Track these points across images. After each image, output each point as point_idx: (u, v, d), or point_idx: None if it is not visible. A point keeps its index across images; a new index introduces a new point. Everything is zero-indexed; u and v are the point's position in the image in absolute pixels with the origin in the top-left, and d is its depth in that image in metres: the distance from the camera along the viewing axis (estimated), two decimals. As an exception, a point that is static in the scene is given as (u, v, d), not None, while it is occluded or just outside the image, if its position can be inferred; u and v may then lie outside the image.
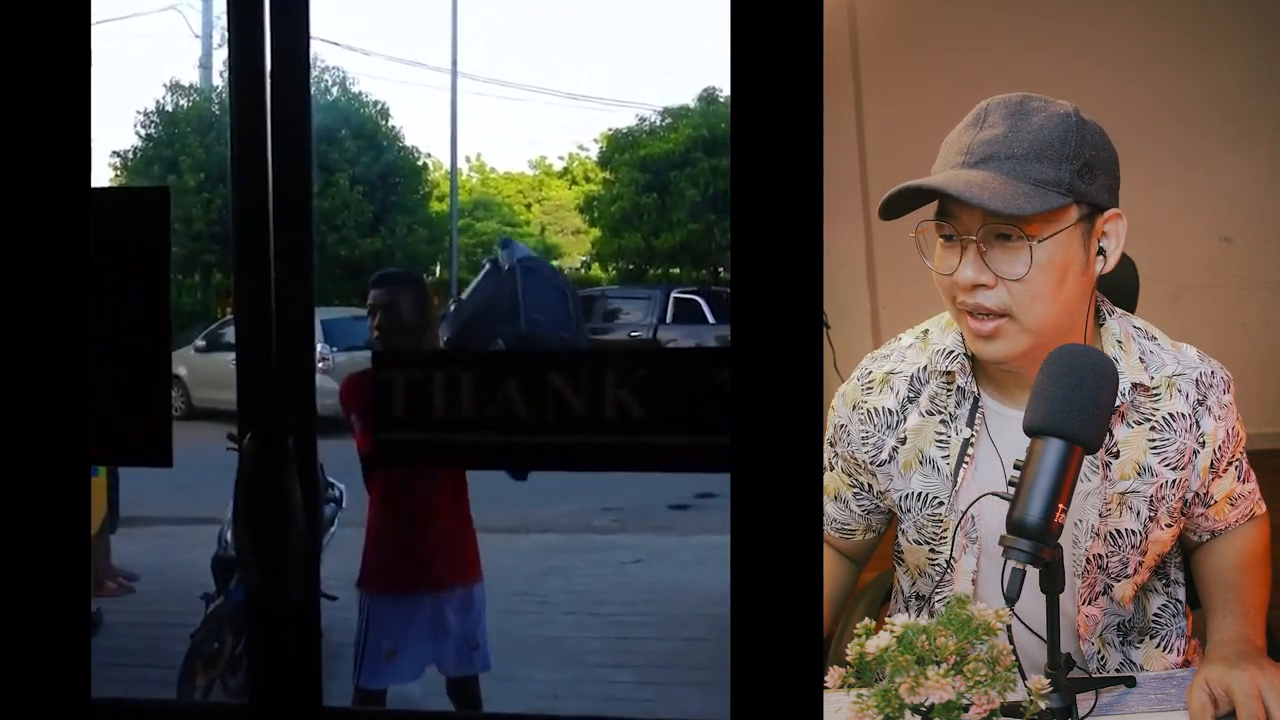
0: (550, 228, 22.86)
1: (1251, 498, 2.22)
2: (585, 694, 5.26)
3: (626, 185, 18.70)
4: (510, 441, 2.22)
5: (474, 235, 20.64)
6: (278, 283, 2.22)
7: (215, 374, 11.08)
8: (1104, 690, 1.96)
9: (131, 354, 2.27)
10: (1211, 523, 2.19)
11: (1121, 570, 2.10)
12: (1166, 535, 2.12)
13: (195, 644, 4.83)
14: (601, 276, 19.73)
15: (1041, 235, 1.89)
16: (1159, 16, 5.38)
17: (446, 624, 3.72)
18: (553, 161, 24.36)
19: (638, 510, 8.54)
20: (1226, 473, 2.14)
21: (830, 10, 2.38)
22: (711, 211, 17.99)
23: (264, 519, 2.23)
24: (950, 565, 2.11)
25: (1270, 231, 5.59)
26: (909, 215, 1.97)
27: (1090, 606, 2.12)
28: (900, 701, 1.65)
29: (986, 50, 5.15)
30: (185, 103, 18.99)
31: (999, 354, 1.97)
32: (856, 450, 2.17)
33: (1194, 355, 2.10)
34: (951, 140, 1.97)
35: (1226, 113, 5.47)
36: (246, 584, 2.29)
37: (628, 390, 2.15)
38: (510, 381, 2.20)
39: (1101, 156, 1.94)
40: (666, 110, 18.99)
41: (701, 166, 17.96)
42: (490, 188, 23.50)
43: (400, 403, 2.26)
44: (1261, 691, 1.86)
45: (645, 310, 15.28)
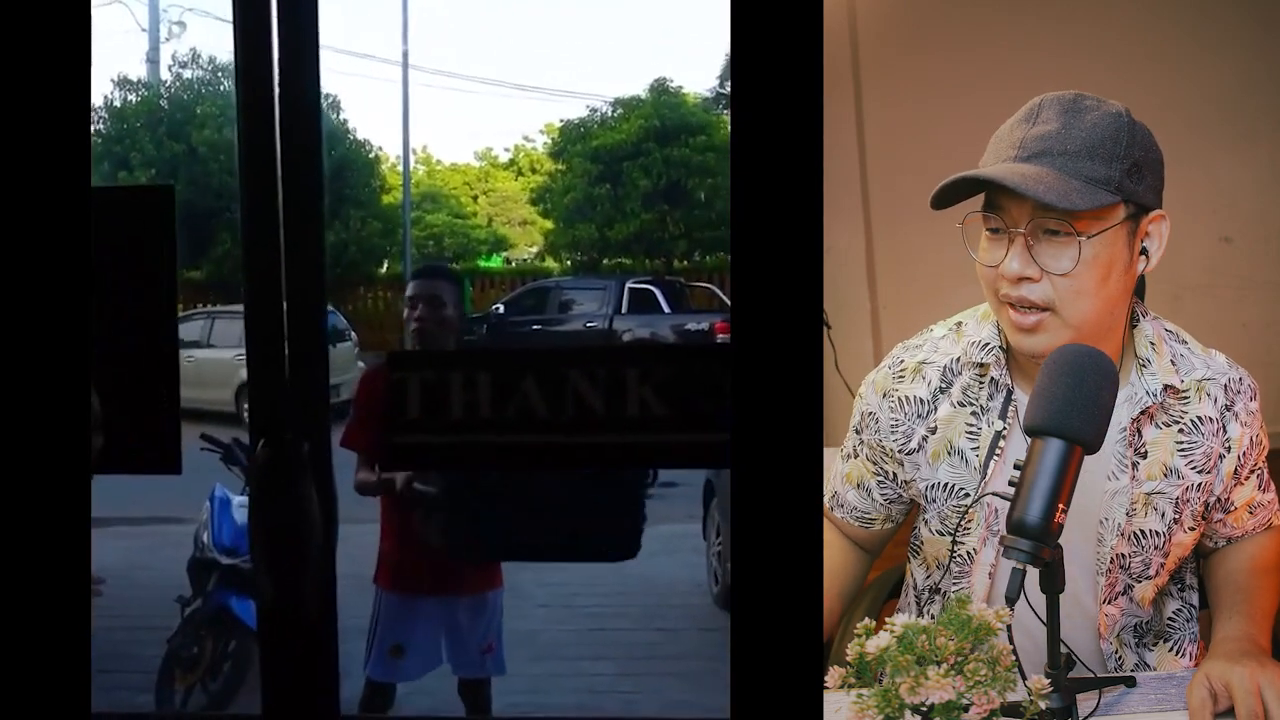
0: (498, 219, 22.86)
1: (1270, 507, 2.23)
2: (567, 688, 5.27)
3: (579, 176, 18.72)
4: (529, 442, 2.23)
5: (424, 227, 20.65)
6: (288, 285, 2.22)
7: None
8: (1105, 690, 1.95)
9: (137, 359, 2.27)
10: (1229, 529, 2.20)
11: (1143, 571, 2.11)
12: (1188, 538, 2.13)
13: (173, 649, 4.79)
14: (555, 267, 19.75)
15: (1090, 232, 1.90)
16: (1159, 16, 5.37)
17: (459, 626, 3.71)
18: (499, 153, 24.36)
19: None
20: (1248, 480, 2.15)
21: (830, 10, 2.38)
22: (665, 201, 18.01)
23: (280, 527, 2.23)
24: (971, 558, 2.12)
25: (1270, 231, 5.57)
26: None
27: (1110, 606, 2.13)
28: (900, 701, 1.65)
29: (986, 50, 5.13)
30: (134, 98, 18.88)
31: (1039, 347, 1.96)
32: (885, 438, 2.17)
33: (1223, 361, 2.12)
34: (1003, 134, 1.98)
35: (1226, 113, 5.45)
36: (260, 593, 2.27)
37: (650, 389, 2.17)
38: (529, 380, 2.21)
39: (1150, 158, 1.96)
40: (618, 101, 18.99)
41: (654, 156, 17.98)
42: (437, 180, 23.49)
43: (417, 404, 2.26)
44: (1261, 688, 1.86)
45: (600, 301, 15.24)
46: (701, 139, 18.00)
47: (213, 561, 4.88)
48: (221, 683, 4.80)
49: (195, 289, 16.74)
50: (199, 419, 6.08)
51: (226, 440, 4.90)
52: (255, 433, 2.25)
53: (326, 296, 2.29)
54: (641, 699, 5.11)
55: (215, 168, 17.10)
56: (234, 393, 11.67)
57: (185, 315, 13.88)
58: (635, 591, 6.59)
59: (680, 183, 18.02)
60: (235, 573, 4.79)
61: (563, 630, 6.00)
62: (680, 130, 18.21)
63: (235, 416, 10.44)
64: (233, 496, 5.00)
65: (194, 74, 19.16)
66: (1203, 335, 2.16)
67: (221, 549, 4.88)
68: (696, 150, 17.98)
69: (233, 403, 11.58)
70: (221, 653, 4.81)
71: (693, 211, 18.17)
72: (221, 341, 12.62)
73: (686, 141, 18.04)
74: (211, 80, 19.03)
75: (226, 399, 11.67)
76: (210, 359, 12.29)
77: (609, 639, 5.94)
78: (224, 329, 12.85)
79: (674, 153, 17.98)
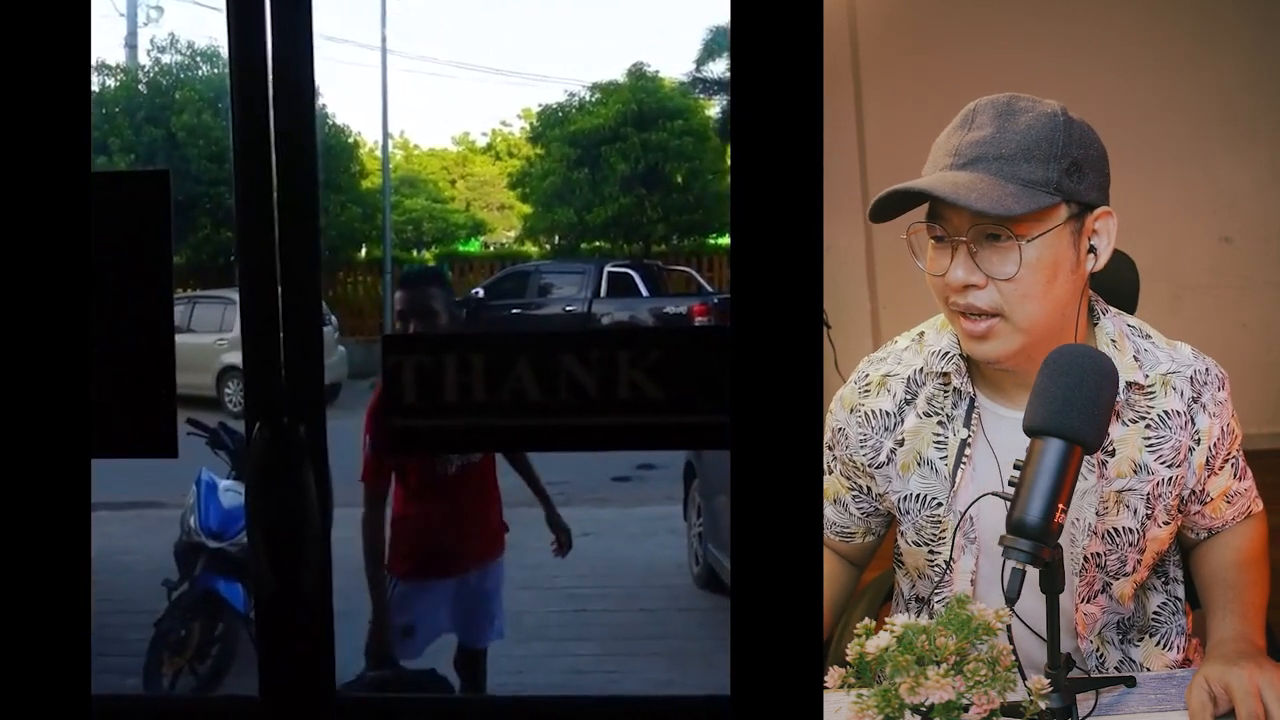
0: (475, 203, 22.79)
1: (1248, 495, 2.22)
2: (551, 668, 5.31)
3: (557, 160, 18.68)
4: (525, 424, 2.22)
5: (403, 212, 20.56)
6: (283, 270, 2.21)
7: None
8: (1104, 690, 1.96)
9: (133, 342, 2.26)
10: (1208, 520, 2.20)
11: (1120, 568, 2.10)
12: (1164, 533, 2.12)
13: (161, 632, 4.81)
14: (534, 251, 19.73)
15: (1030, 235, 1.89)
16: (1159, 16, 5.39)
17: (466, 598, 3.76)
18: (476, 138, 24.28)
19: (581, 483, 8.55)
20: (1223, 470, 2.14)
21: (830, 10, 2.38)
22: (642, 185, 18.00)
23: (278, 512, 2.22)
24: (949, 566, 2.11)
25: (1270, 231, 5.60)
26: (901, 217, 1.97)
27: (1089, 605, 2.12)
28: (900, 701, 1.65)
29: (986, 50, 5.15)
30: (112, 83, 18.74)
31: (992, 354, 1.97)
32: (855, 453, 2.17)
33: (1188, 353, 2.11)
34: (940, 142, 1.97)
35: (1226, 113, 5.48)
36: (258, 578, 2.27)
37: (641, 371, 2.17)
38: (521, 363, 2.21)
39: (1090, 154, 1.94)
40: (595, 85, 18.96)
41: (631, 141, 17.93)
42: (415, 164, 23.41)
43: (412, 389, 2.26)
44: (1260, 690, 1.87)
45: (579, 285, 15.22)
46: (679, 123, 17.97)
47: (199, 545, 4.89)
48: (209, 666, 4.83)
49: (176, 274, 16.64)
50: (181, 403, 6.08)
51: (213, 425, 4.91)
52: (251, 417, 2.24)
53: (322, 281, 2.28)
54: (624, 678, 5.15)
55: (194, 153, 16.98)
56: (215, 377, 11.67)
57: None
58: (615, 573, 6.63)
59: (658, 167, 17.98)
60: (222, 556, 4.82)
61: (546, 612, 6.01)
62: (658, 115, 18.16)
63: (217, 401, 10.42)
64: (219, 480, 5.02)
65: (172, 59, 19.00)
66: (1203, 335, 2.16)
67: (208, 532, 4.89)
68: (674, 134, 17.93)
69: (214, 387, 11.59)
70: (209, 636, 4.84)
71: (670, 195, 18.13)
72: (202, 326, 12.58)
73: (664, 126, 17.99)
74: (190, 65, 18.88)
75: (208, 383, 11.68)
76: (191, 344, 12.24)
77: (591, 619, 5.98)
78: (204, 314, 12.81)
79: (651, 137, 17.93)
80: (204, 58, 18.12)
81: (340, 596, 2.31)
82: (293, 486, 2.21)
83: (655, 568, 6.66)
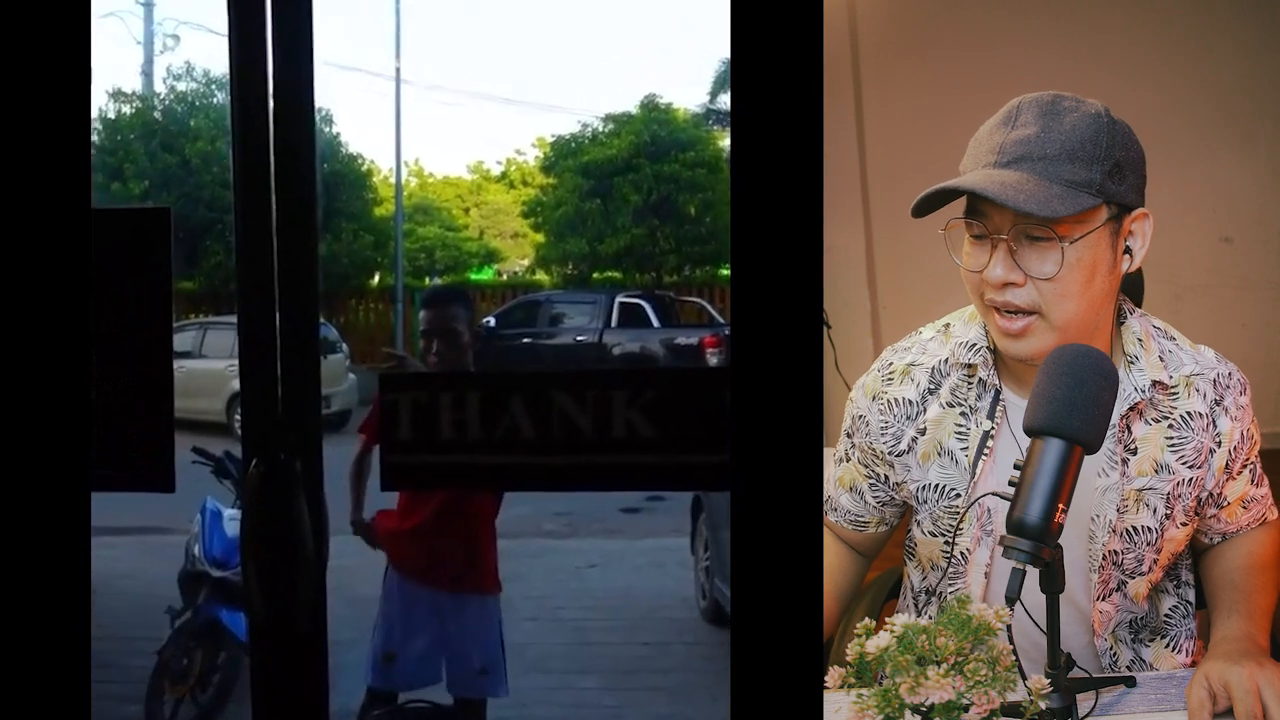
0: (489, 231, 22.81)
1: (1264, 502, 2.23)
2: (553, 701, 5.26)
3: (570, 190, 18.69)
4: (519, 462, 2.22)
5: (416, 240, 20.58)
6: (281, 300, 2.21)
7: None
8: (1104, 690, 1.95)
9: (132, 377, 2.26)
10: (1223, 525, 2.20)
11: (1136, 567, 2.11)
12: (1181, 534, 2.12)
13: (163, 660, 4.77)
14: (546, 280, 19.75)
15: (1073, 236, 1.90)
16: (1159, 16, 5.41)
17: (455, 637, 3.71)
18: (490, 166, 24.34)
19: (588, 514, 8.51)
20: (1240, 475, 2.15)
21: (830, 10, 2.38)
22: (655, 216, 18.02)
23: (273, 546, 2.22)
24: (964, 557, 2.12)
25: (1270, 231, 5.61)
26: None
27: (1104, 602, 2.13)
28: (900, 701, 1.64)
29: (986, 50, 5.16)
30: (128, 109, 18.83)
31: (1026, 351, 1.97)
32: (875, 440, 2.18)
33: (1212, 356, 2.12)
34: (982, 138, 1.97)
35: (1226, 113, 5.49)
36: (253, 614, 2.27)
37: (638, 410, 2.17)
38: (516, 401, 2.21)
39: (1130, 156, 1.95)
40: (609, 116, 19.00)
41: (644, 172, 17.93)
42: (429, 192, 23.45)
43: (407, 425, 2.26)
44: (1260, 688, 1.86)
45: (590, 315, 15.18)
46: (691, 154, 17.96)
47: (203, 574, 4.88)
48: (211, 694, 4.80)
49: (188, 300, 16.66)
50: (191, 429, 6.07)
51: (218, 453, 4.91)
52: (248, 450, 2.24)
53: (319, 313, 2.28)
54: (627, 712, 5.12)
55: (209, 180, 17.05)
56: (225, 403, 11.67)
57: (178, 326, 13.80)
58: (620, 605, 6.60)
59: (670, 198, 17.98)
60: (226, 585, 4.80)
61: (549, 644, 5.97)
62: (671, 146, 18.17)
63: (226, 427, 10.42)
64: (224, 509, 5.01)
65: (188, 86, 19.07)
66: (1203, 335, 2.16)
67: (212, 561, 4.88)
68: (686, 166, 17.93)
69: (224, 413, 11.57)
70: (211, 665, 4.81)
71: (683, 226, 18.12)
72: (213, 352, 12.59)
73: (677, 157, 17.99)
74: (205, 93, 18.96)
75: (218, 409, 11.66)
76: (202, 369, 12.25)
77: (595, 653, 5.92)
78: (216, 340, 12.82)
79: (664, 168, 17.92)
80: (219, 86, 18.18)
81: (337, 626, 2.30)
82: (288, 521, 2.21)
83: (662, 600, 6.62)
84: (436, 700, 3.72)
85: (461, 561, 3.73)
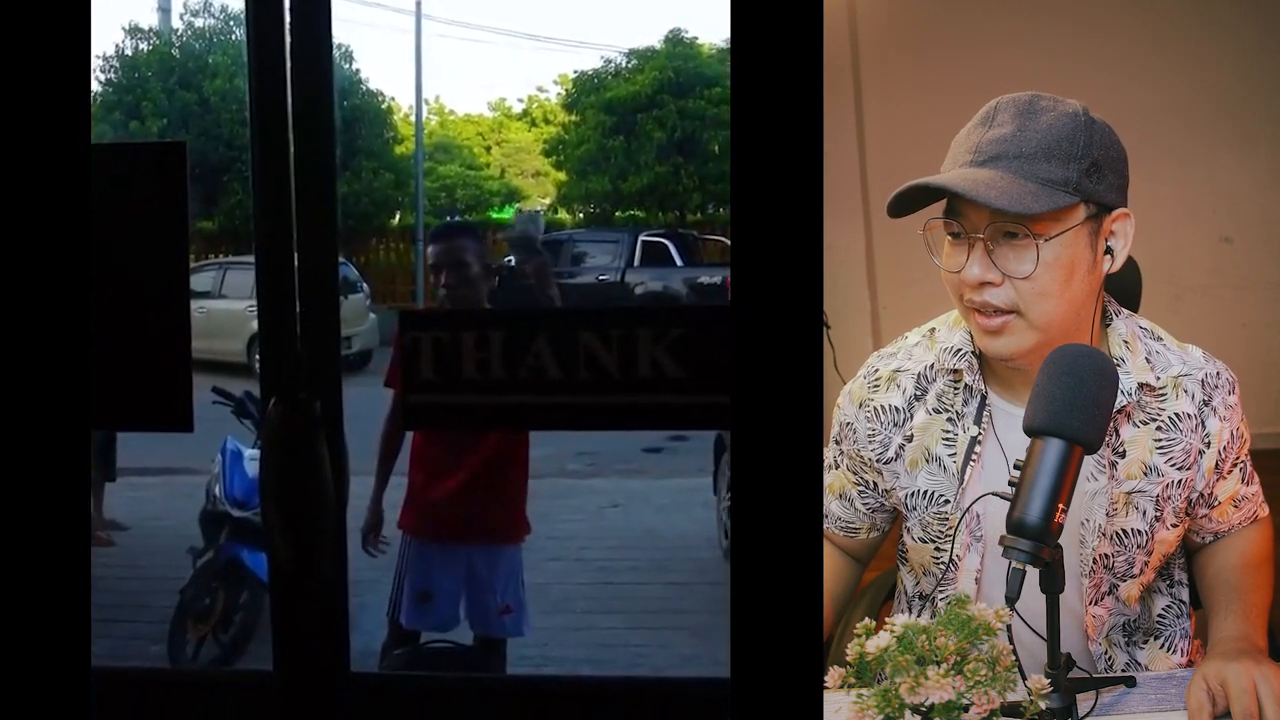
0: (510, 170, 22.63)
1: (1255, 500, 2.23)
2: (576, 642, 5.33)
3: (592, 128, 18.52)
4: (541, 402, 2.22)
5: (437, 179, 20.44)
6: (300, 242, 2.20)
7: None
8: (1104, 690, 1.96)
9: (149, 315, 2.26)
10: (1215, 524, 2.20)
11: (1128, 570, 2.11)
12: (1172, 535, 2.12)
13: (185, 600, 4.87)
14: (568, 219, 19.61)
15: (1049, 234, 1.89)
16: (1159, 16, 5.37)
17: (478, 578, 3.72)
18: (512, 104, 24.10)
19: (611, 454, 8.50)
20: (1231, 474, 2.15)
21: (830, 10, 2.37)
22: (679, 154, 17.86)
23: (293, 488, 2.22)
24: (955, 563, 2.11)
25: (1270, 231, 5.59)
26: (917, 213, 1.97)
27: (1097, 607, 2.13)
28: (900, 701, 1.66)
29: (987, 50, 5.14)
30: (145, 47, 18.69)
31: (1006, 350, 1.97)
32: (863, 448, 2.18)
33: (1200, 356, 2.11)
34: (960, 139, 1.97)
35: (1226, 113, 5.46)
36: (274, 556, 2.28)
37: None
38: (539, 340, 2.21)
39: (1110, 156, 1.94)
40: (633, 52, 18.80)
41: (668, 109, 17.78)
42: (450, 130, 23.23)
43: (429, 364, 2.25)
44: (1256, 686, 1.87)
45: (613, 254, 15.15)
46: (717, 91, 17.74)
47: (224, 514, 4.95)
48: (233, 634, 4.89)
49: (208, 239, 16.66)
50: (211, 370, 6.12)
51: (238, 393, 4.94)
52: (267, 390, 2.24)
53: (338, 253, 2.28)
54: (650, 652, 5.16)
55: (227, 118, 17.00)
56: (245, 343, 11.67)
57: (197, 266, 13.83)
58: (644, 545, 6.66)
59: (695, 135, 17.85)
60: (247, 525, 4.86)
61: (572, 584, 6.03)
62: (695, 82, 17.99)
63: (246, 367, 10.43)
64: (244, 449, 5.06)
65: (205, 23, 18.97)
66: (1203, 335, 2.16)
67: (233, 501, 4.94)
68: (711, 103, 17.76)
69: (244, 353, 11.58)
70: (233, 604, 4.90)
71: (706, 164, 17.98)
72: (233, 293, 12.63)
73: (701, 94, 17.82)
74: (223, 30, 18.83)
75: (239, 350, 11.68)
76: (222, 309, 12.30)
77: (618, 592, 5.99)
78: (236, 280, 12.84)
79: (688, 105, 17.78)
80: (237, 22, 18.08)
81: (358, 566, 2.31)
82: (308, 461, 2.21)
83: (684, 541, 6.65)
84: (458, 640, 3.77)
85: (497, 516, 3.74)
